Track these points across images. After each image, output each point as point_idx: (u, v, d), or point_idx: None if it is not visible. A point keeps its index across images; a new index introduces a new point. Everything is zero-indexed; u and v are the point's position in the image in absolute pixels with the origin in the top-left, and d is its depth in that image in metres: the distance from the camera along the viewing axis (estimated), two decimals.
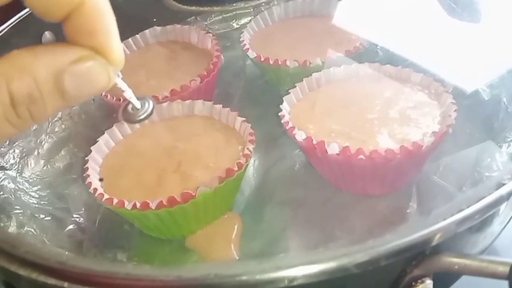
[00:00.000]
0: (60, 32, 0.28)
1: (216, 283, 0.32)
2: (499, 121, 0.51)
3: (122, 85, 0.32)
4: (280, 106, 0.50)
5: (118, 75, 0.30)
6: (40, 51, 0.26)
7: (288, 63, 0.56)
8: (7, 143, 0.55)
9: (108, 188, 0.46)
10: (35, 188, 0.53)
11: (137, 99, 0.40)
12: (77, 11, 0.26)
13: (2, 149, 0.55)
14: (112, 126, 0.51)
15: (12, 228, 0.47)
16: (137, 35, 0.64)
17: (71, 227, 0.49)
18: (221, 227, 0.47)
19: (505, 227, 0.43)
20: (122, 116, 0.41)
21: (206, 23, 0.72)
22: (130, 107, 0.41)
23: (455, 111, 0.46)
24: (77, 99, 0.28)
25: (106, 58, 0.28)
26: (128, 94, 0.33)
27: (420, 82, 0.51)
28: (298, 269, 0.32)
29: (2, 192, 0.50)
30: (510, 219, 0.43)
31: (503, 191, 0.35)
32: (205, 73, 0.56)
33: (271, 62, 0.57)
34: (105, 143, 0.50)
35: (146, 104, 0.40)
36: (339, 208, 0.47)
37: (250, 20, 0.66)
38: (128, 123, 0.49)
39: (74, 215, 0.50)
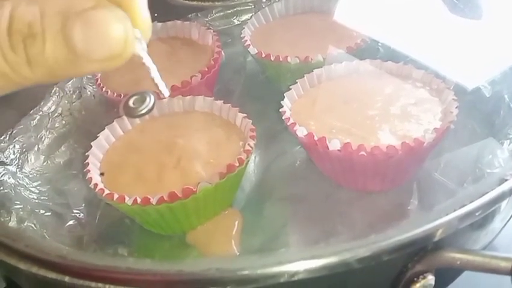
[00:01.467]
0: None
1: (217, 277, 0.32)
2: (501, 118, 0.51)
3: (146, 59, 0.26)
4: (281, 102, 0.49)
5: (143, 48, 0.26)
6: None
7: (289, 59, 0.56)
8: (7, 138, 0.55)
9: (108, 184, 0.46)
10: (35, 184, 0.53)
11: (139, 94, 0.40)
12: None
13: (2, 144, 0.55)
14: (113, 121, 0.51)
15: (12, 223, 0.47)
16: None
17: (71, 222, 0.49)
18: (221, 223, 0.47)
19: (505, 224, 0.43)
20: (123, 110, 0.40)
21: (207, 19, 0.72)
22: (131, 101, 0.41)
23: (456, 107, 0.46)
24: (85, 61, 0.24)
25: (128, 16, 0.24)
26: (153, 72, 0.28)
27: (422, 79, 0.51)
28: (300, 263, 0.31)
29: (2, 187, 0.50)
30: (511, 217, 0.43)
31: (505, 186, 0.35)
32: (206, 69, 0.56)
33: (272, 59, 0.57)
34: (105, 138, 0.50)
35: (148, 99, 0.40)
36: (340, 204, 0.47)
37: (251, 17, 0.66)
38: (129, 117, 0.49)
39: (74, 211, 0.50)
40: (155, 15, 0.65)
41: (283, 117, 0.48)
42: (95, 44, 0.24)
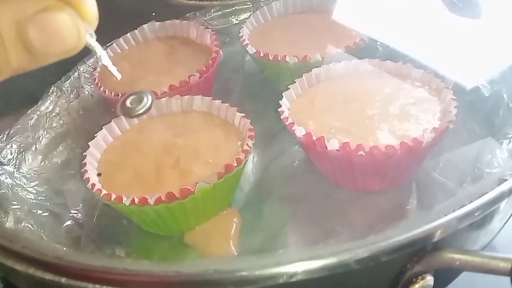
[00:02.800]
0: None
1: (215, 279, 0.32)
2: (500, 117, 0.51)
3: (97, 47, 0.29)
4: (280, 102, 0.49)
5: (92, 35, 0.28)
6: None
7: (287, 59, 0.56)
8: (4, 137, 0.55)
9: (106, 184, 0.46)
10: (33, 184, 0.53)
11: (137, 93, 0.40)
12: None
13: (0, 144, 0.54)
14: (110, 121, 0.51)
15: (9, 224, 0.47)
16: (135, 30, 0.64)
17: (68, 222, 0.49)
18: (220, 223, 0.47)
19: (505, 224, 0.43)
20: (121, 110, 0.40)
21: (205, 18, 0.72)
22: (128, 101, 0.41)
23: (455, 107, 0.46)
24: (45, 57, 0.26)
25: (76, 11, 0.26)
26: (104, 58, 0.31)
27: (421, 78, 0.50)
28: (299, 264, 0.31)
29: None
30: (510, 217, 0.43)
31: (504, 187, 0.35)
32: (204, 68, 0.56)
33: (270, 58, 0.57)
34: (103, 138, 0.50)
35: (145, 99, 0.40)
36: (339, 204, 0.47)
37: (250, 16, 0.65)
38: (126, 117, 0.48)
39: (72, 211, 0.50)
40: (153, 14, 0.66)
41: (281, 117, 0.48)
42: (53, 43, 0.26)
